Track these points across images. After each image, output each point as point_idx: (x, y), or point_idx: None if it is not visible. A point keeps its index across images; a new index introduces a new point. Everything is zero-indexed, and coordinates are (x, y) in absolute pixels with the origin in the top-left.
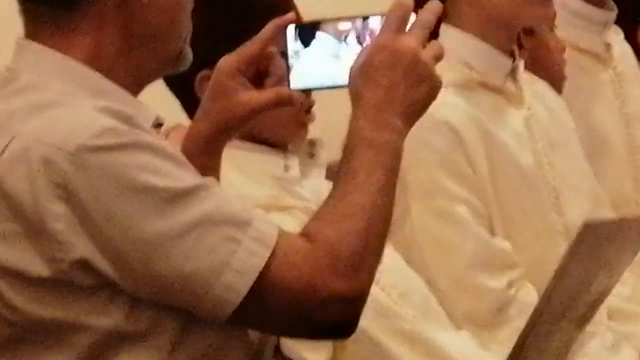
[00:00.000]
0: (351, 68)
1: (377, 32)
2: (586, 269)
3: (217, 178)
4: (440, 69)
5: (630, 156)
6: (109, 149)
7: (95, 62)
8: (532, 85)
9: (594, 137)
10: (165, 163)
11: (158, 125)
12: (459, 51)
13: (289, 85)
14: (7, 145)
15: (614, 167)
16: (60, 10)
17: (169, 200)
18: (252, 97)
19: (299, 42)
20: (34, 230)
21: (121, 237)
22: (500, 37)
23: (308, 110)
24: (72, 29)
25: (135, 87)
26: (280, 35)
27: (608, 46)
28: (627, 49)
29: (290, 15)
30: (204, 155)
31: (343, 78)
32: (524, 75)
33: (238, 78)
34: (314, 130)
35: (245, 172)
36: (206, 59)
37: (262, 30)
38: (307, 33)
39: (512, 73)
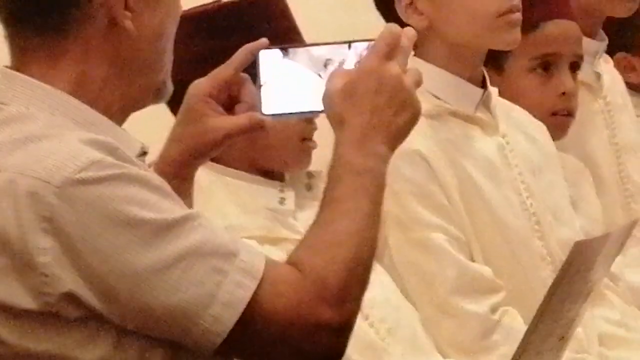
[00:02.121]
0: (326, 92)
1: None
2: (573, 287)
3: (190, 201)
4: None
5: (620, 185)
6: (95, 182)
7: (80, 91)
8: (509, 112)
9: (585, 165)
10: (152, 195)
11: (143, 153)
12: (427, 83)
13: (261, 111)
14: None
15: (604, 196)
16: (49, 36)
17: (155, 232)
18: (224, 122)
19: (271, 67)
20: (21, 263)
21: (108, 269)
22: (466, 67)
23: (310, 137)
24: (59, 56)
25: (119, 116)
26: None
27: (598, 76)
28: (617, 76)
29: (263, 40)
30: (176, 179)
31: (318, 104)
32: (500, 103)
33: (210, 103)
34: (313, 163)
35: (240, 202)
36: None
37: (234, 55)
38: (280, 58)
39: (485, 102)
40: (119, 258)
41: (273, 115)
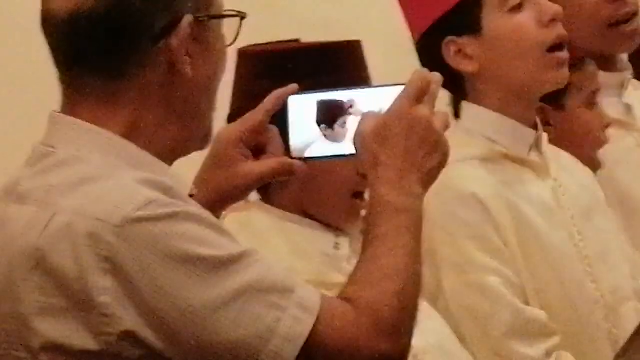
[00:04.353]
0: (356, 135)
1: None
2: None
3: None
4: (465, 143)
5: None
6: (153, 220)
7: (133, 134)
8: (557, 157)
9: (624, 205)
10: (209, 232)
11: (190, 196)
12: (481, 127)
13: (290, 155)
14: (49, 221)
15: None
16: (107, 79)
17: (214, 269)
18: (254, 167)
19: (300, 112)
20: (81, 304)
21: (168, 307)
22: (520, 108)
23: (363, 191)
24: (115, 100)
25: (169, 159)
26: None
27: (628, 107)
28: None
29: (292, 86)
30: None
31: (347, 148)
32: (549, 147)
33: (239, 148)
34: None
35: (295, 247)
36: None
37: (264, 101)
38: (308, 103)
39: (537, 144)
40: (178, 296)
41: (302, 159)
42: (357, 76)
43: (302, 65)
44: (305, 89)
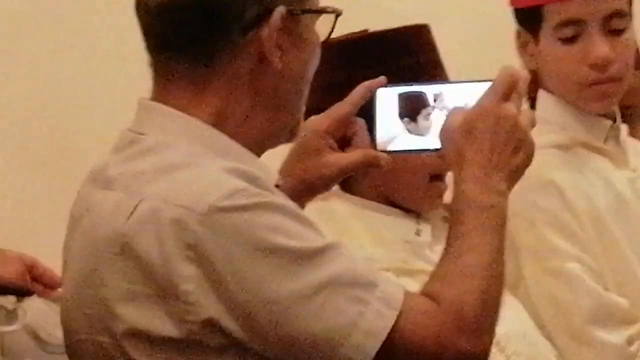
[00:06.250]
0: (443, 130)
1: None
2: None
3: None
4: (541, 131)
5: None
6: (239, 210)
7: (221, 123)
8: (636, 147)
9: None
10: (295, 224)
11: (276, 186)
12: (556, 116)
13: (375, 147)
14: (135, 207)
15: None
16: (197, 67)
17: (298, 261)
18: (339, 158)
19: (388, 104)
20: (164, 291)
21: (251, 297)
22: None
23: (440, 174)
24: (205, 87)
25: (256, 151)
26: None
27: None
28: None
29: (381, 78)
30: None
31: (432, 142)
32: (628, 138)
33: (326, 139)
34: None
35: (376, 234)
36: None
37: (352, 92)
38: (395, 96)
39: (614, 135)
40: (261, 286)
41: (388, 152)
42: (427, 59)
43: (372, 52)
44: (376, 75)
